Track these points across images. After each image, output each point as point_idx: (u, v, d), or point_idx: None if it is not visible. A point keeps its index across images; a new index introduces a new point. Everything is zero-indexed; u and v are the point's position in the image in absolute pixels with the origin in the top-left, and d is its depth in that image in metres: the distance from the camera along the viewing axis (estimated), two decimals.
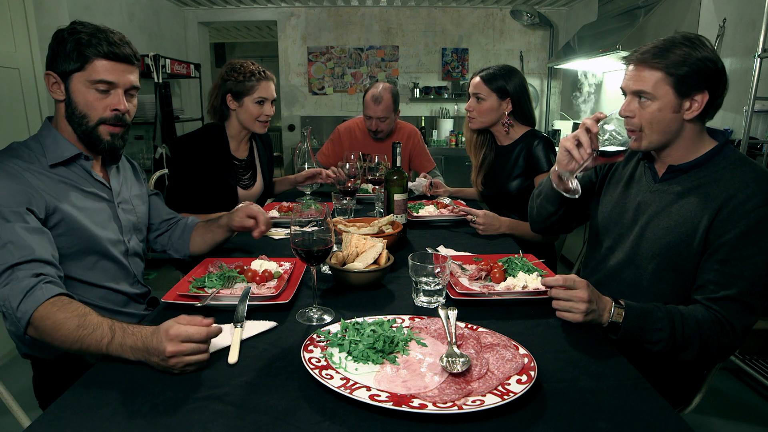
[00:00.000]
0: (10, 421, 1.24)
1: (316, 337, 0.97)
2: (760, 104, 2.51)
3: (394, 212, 1.71)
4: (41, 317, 0.96)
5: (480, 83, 2.00)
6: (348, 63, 5.52)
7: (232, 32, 7.43)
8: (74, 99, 1.20)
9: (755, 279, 1.09)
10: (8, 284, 0.99)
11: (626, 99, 1.20)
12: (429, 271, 1.14)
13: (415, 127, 2.95)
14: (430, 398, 0.78)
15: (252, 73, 1.98)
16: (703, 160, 1.19)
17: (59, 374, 1.26)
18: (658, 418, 0.77)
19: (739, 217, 1.09)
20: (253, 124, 2.04)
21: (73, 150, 1.23)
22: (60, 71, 1.18)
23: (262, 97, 2.00)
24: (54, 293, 0.98)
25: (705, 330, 1.08)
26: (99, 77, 1.18)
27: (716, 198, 1.13)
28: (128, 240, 1.35)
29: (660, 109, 1.14)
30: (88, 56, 1.17)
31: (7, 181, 1.10)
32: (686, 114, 1.15)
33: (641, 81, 1.15)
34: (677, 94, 1.13)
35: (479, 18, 5.43)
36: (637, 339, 1.07)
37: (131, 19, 4.28)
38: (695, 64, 1.10)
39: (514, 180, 2.02)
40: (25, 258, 1.02)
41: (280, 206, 2.08)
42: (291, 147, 5.56)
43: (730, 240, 1.09)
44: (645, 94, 1.15)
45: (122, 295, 1.33)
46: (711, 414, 2.15)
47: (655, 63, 1.13)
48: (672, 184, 1.22)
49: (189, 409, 0.78)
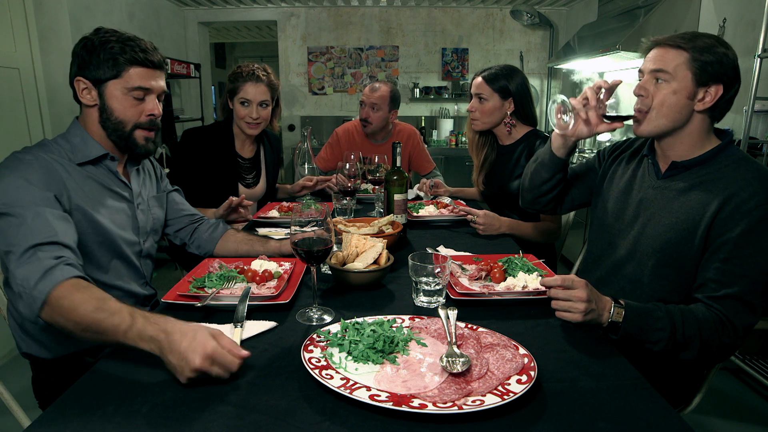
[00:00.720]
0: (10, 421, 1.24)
1: (316, 337, 0.97)
2: (760, 104, 2.51)
3: (394, 212, 1.71)
4: (58, 296, 0.94)
5: (482, 83, 2.00)
6: (348, 63, 5.52)
7: (232, 32, 7.43)
8: (110, 105, 1.23)
9: (756, 278, 1.08)
10: (28, 263, 0.98)
11: (643, 78, 1.20)
12: (429, 271, 1.14)
13: (414, 128, 2.94)
14: (430, 398, 0.78)
15: (240, 74, 2.03)
16: (707, 157, 1.19)
17: (58, 374, 1.26)
18: (658, 418, 0.77)
19: (741, 216, 1.09)
20: (240, 123, 2.08)
21: (100, 150, 1.26)
22: (92, 78, 1.21)
23: (243, 98, 2.04)
24: (73, 274, 0.97)
25: (705, 329, 1.07)
26: (136, 84, 1.22)
27: (718, 196, 1.13)
28: (143, 241, 1.37)
29: (675, 92, 1.14)
30: (124, 64, 1.20)
31: (40, 169, 1.13)
32: (698, 104, 1.15)
33: (664, 60, 1.15)
34: (695, 80, 1.13)
35: (479, 18, 5.43)
36: (637, 339, 1.07)
37: (131, 19, 4.28)
38: (719, 54, 1.12)
39: (516, 180, 2.02)
40: (48, 239, 1.01)
41: (280, 206, 2.09)
42: (291, 147, 5.56)
43: (732, 238, 1.09)
44: (664, 73, 1.15)
45: (131, 297, 1.34)
46: (711, 414, 2.15)
47: (682, 44, 1.14)
48: (674, 180, 1.22)
49: (189, 409, 0.78)
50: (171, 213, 1.53)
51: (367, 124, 2.68)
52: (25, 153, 1.16)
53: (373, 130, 2.71)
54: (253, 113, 2.04)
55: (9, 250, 1.01)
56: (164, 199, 1.50)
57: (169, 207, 1.53)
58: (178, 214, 1.54)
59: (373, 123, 2.67)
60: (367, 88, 2.67)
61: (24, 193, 1.07)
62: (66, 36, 3.33)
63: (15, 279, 0.98)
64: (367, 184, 2.41)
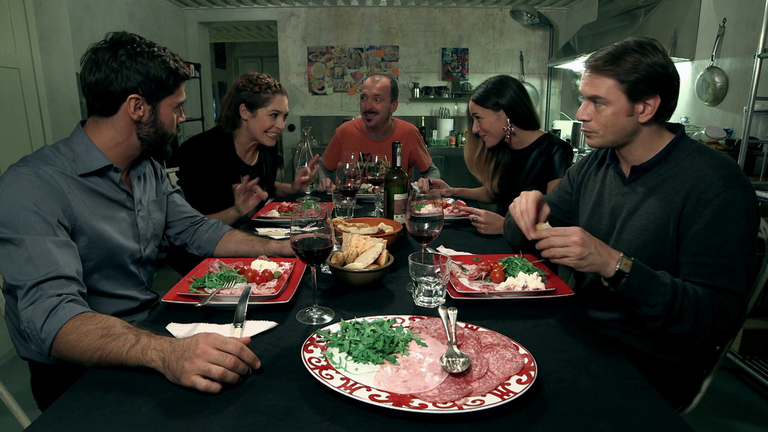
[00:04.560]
0: (10, 421, 1.24)
1: (316, 337, 0.97)
2: (760, 104, 2.52)
3: (395, 212, 1.71)
4: (65, 333, 0.94)
5: (474, 105, 2.05)
6: (348, 63, 5.52)
7: (232, 32, 7.43)
8: (162, 120, 1.25)
9: (733, 265, 1.09)
10: (32, 304, 0.98)
11: (583, 103, 1.26)
12: (429, 271, 1.14)
13: (413, 125, 2.95)
14: (430, 398, 0.78)
15: (268, 86, 2.05)
16: (663, 155, 1.22)
17: (57, 376, 1.26)
18: (658, 418, 0.77)
19: (703, 208, 1.11)
20: (262, 136, 2.10)
21: (104, 161, 1.22)
22: (147, 92, 1.20)
23: (276, 110, 2.07)
24: (77, 312, 0.97)
25: (703, 306, 1.07)
26: (182, 99, 1.28)
27: (679, 192, 1.15)
28: (144, 248, 1.36)
29: (614, 114, 1.19)
30: (179, 81, 1.24)
31: (41, 189, 1.08)
32: (640, 117, 1.19)
33: (596, 86, 1.20)
34: (629, 98, 1.17)
35: (479, 18, 5.43)
36: (635, 298, 1.07)
37: (131, 19, 4.28)
38: (645, 70, 1.14)
39: (532, 183, 2.03)
40: (50, 275, 1.01)
41: (280, 206, 2.09)
42: (291, 147, 5.57)
43: (700, 231, 1.11)
44: (599, 99, 1.19)
45: (131, 301, 1.33)
46: (711, 414, 2.15)
47: (607, 70, 1.17)
48: (638, 184, 1.25)
49: (189, 409, 0.78)
50: (172, 215, 1.52)
51: (372, 116, 2.69)
52: (24, 167, 1.10)
53: (377, 122, 2.71)
54: (281, 124, 2.10)
55: (15, 285, 1.01)
56: (164, 201, 1.49)
57: (170, 209, 1.52)
58: (179, 216, 1.53)
59: (379, 113, 2.68)
60: (368, 80, 2.69)
61: (25, 218, 1.04)
62: (66, 36, 3.33)
63: (21, 320, 0.99)
64: (367, 184, 2.41)
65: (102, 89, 1.16)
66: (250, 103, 2.04)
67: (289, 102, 2.17)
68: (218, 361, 0.82)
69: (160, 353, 0.86)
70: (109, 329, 0.92)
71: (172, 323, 1.07)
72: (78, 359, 0.93)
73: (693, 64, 3.38)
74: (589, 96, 1.22)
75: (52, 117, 3.01)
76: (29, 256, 1.02)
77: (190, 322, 1.08)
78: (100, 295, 1.25)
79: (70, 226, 1.13)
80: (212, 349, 0.83)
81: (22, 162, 1.13)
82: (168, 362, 0.85)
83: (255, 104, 2.04)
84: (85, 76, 1.18)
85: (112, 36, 1.19)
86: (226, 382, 0.83)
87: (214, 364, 0.82)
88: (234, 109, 2.07)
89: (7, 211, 1.05)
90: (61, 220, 1.09)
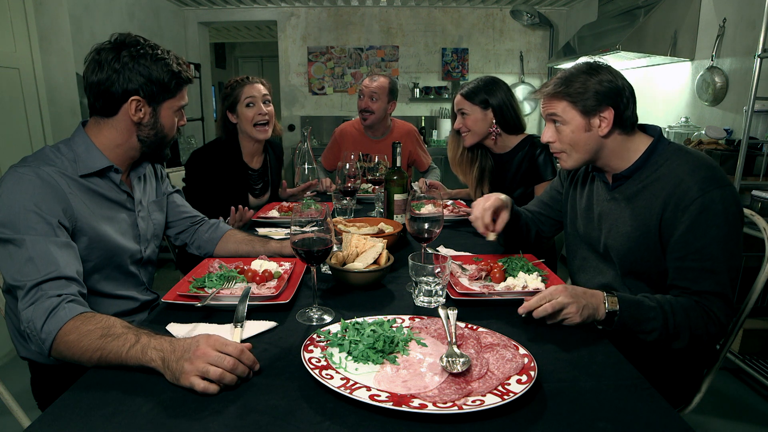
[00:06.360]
0: (10, 421, 1.24)
1: (316, 337, 0.97)
2: (760, 104, 2.51)
3: (395, 212, 1.71)
4: (65, 333, 0.94)
5: (461, 99, 2.03)
6: (348, 63, 5.52)
7: (232, 32, 7.43)
8: (162, 123, 1.25)
9: (716, 268, 1.10)
10: (32, 305, 0.98)
11: (545, 127, 1.31)
12: (429, 271, 1.14)
13: (412, 125, 2.95)
14: (430, 398, 0.78)
15: (236, 82, 2.10)
16: (641, 162, 1.23)
17: (57, 376, 1.26)
18: (658, 418, 0.77)
19: (682, 213, 1.12)
20: (253, 131, 2.11)
21: (104, 162, 1.22)
22: (149, 94, 1.19)
23: (249, 97, 2.08)
24: (77, 312, 0.97)
25: (693, 317, 1.10)
26: (184, 102, 1.28)
27: (658, 198, 1.17)
28: (144, 249, 1.36)
29: (572, 131, 1.23)
30: (181, 84, 1.23)
31: (42, 189, 1.08)
32: (599, 131, 1.21)
33: (553, 107, 1.25)
34: (583, 115, 1.21)
35: (479, 18, 5.43)
36: (631, 329, 1.08)
37: (131, 19, 4.28)
38: (593, 87, 1.19)
39: (519, 187, 2.02)
40: (50, 275, 1.00)
41: (280, 206, 2.09)
42: (291, 147, 5.56)
43: (681, 236, 1.13)
44: (557, 117, 1.25)
45: (131, 301, 1.33)
46: (711, 414, 2.15)
47: (558, 93, 1.23)
48: (621, 191, 1.27)
49: (189, 409, 0.78)
50: (172, 215, 1.52)
51: (368, 115, 2.67)
52: (25, 168, 1.10)
53: (373, 122, 2.69)
54: (262, 109, 2.09)
55: (15, 285, 1.01)
56: (164, 202, 1.49)
57: (170, 209, 1.51)
58: (179, 216, 1.53)
59: (375, 112, 2.66)
60: (366, 79, 2.69)
61: (25, 218, 1.04)
62: (66, 36, 3.33)
63: (21, 320, 0.99)
64: (367, 184, 2.41)
65: (103, 89, 1.16)
66: (230, 106, 2.10)
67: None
68: (217, 362, 0.82)
69: (160, 353, 0.86)
70: (109, 329, 0.92)
71: (172, 323, 1.07)
72: (78, 359, 0.93)
73: (693, 64, 3.38)
74: (548, 114, 1.27)
75: (52, 117, 3.01)
76: (30, 256, 1.01)
77: (190, 322, 1.08)
78: (101, 296, 1.25)
79: (71, 227, 1.12)
80: (212, 351, 0.83)
81: (22, 162, 1.13)
82: (168, 362, 0.85)
83: (233, 104, 2.09)
84: (87, 75, 1.18)
85: (117, 37, 1.19)
86: (224, 383, 0.83)
87: (213, 365, 0.82)
88: (223, 119, 2.14)
89: (7, 211, 1.05)
90: (61, 221, 1.09)
